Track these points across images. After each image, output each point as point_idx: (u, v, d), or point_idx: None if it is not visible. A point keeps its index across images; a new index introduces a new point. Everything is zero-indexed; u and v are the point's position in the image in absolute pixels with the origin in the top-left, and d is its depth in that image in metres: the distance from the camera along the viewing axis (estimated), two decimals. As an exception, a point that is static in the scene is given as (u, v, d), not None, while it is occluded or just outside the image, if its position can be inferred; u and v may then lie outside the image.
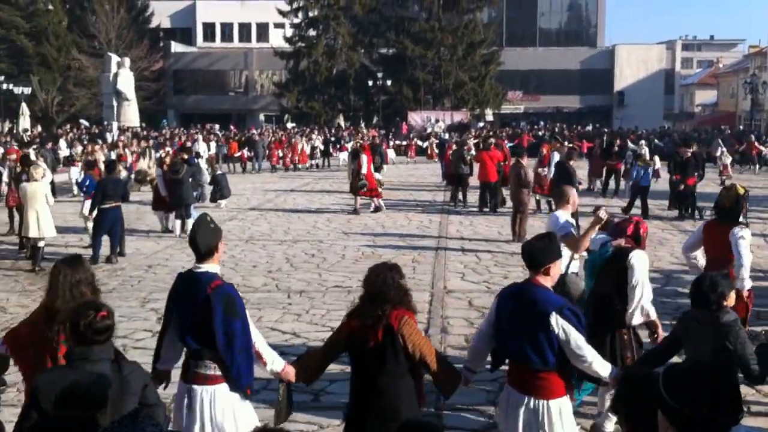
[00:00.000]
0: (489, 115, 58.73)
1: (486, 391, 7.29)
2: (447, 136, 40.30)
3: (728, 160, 29.48)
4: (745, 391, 7.07)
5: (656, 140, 34.07)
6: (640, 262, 6.06)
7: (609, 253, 6.31)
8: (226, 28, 72.33)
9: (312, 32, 57.86)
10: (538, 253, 4.73)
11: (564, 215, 7.56)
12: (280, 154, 35.44)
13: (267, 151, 35.86)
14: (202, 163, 23.55)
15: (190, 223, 16.59)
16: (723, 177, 28.00)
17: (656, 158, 24.81)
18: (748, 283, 7.07)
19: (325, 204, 21.55)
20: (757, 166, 34.86)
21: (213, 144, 36.44)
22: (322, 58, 56.49)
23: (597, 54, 69.29)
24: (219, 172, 22.02)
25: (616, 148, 25.36)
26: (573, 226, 7.56)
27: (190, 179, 17.06)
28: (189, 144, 29.72)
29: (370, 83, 55.44)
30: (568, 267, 6.67)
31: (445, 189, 24.75)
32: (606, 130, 49.00)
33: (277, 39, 62.36)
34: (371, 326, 4.61)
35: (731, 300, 5.06)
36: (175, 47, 67.76)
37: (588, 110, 66.47)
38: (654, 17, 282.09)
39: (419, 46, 54.92)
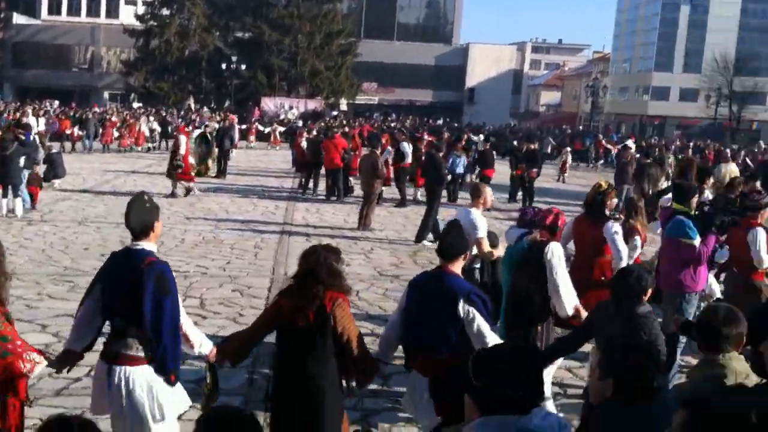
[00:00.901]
0: (343, 104, 59.00)
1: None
2: (300, 123, 40.08)
3: (567, 157, 30.97)
4: (562, 375, 7.40)
5: (491, 136, 35.61)
6: (556, 254, 6.09)
7: (525, 247, 6.26)
8: (74, 2, 68.89)
9: (165, 11, 56.01)
10: (455, 246, 4.90)
11: (477, 213, 7.60)
12: (116, 134, 33.87)
13: (100, 131, 34.10)
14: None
15: (18, 203, 15.61)
16: (562, 173, 29.39)
17: (493, 153, 25.83)
18: None
19: (168, 186, 20.83)
20: (600, 163, 36.79)
21: (42, 120, 34.31)
22: (175, 38, 54.84)
23: (451, 51, 71.07)
24: (54, 150, 20.80)
25: (463, 143, 26.05)
26: (484, 226, 7.58)
27: (24, 158, 15.94)
28: (24, 120, 27.95)
29: (224, 66, 54.26)
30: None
31: (294, 176, 24.58)
32: (456, 124, 50.40)
33: (127, 16, 60.07)
34: (303, 306, 4.54)
35: (648, 294, 5.14)
36: (17, 18, 64.06)
37: (440, 105, 68.17)
38: (507, 19, 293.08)
39: (276, 32, 54.33)
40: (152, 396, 4.49)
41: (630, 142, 33.84)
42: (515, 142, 30.12)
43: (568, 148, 32.71)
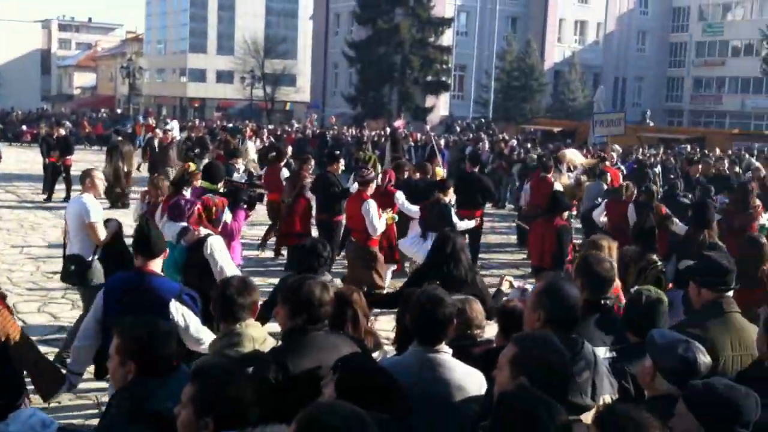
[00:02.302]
0: None
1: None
2: None
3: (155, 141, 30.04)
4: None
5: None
6: (216, 246, 6.14)
7: (185, 248, 6.30)
8: None
9: None
10: (158, 244, 4.79)
11: (89, 198, 7.47)
12: None
13: None
14: None
15: None
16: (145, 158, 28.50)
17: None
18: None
19: None
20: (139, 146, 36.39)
21: None
22: None
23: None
24: None
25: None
26: (99, 211, 7.50)
27: None
28: None
29: None
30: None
31: None
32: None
33: None
34: None
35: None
36: None
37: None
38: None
39: None
40: None
41: (174, 124, 34.28)
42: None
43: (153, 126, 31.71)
